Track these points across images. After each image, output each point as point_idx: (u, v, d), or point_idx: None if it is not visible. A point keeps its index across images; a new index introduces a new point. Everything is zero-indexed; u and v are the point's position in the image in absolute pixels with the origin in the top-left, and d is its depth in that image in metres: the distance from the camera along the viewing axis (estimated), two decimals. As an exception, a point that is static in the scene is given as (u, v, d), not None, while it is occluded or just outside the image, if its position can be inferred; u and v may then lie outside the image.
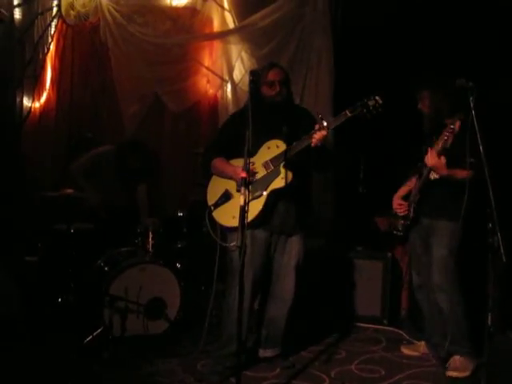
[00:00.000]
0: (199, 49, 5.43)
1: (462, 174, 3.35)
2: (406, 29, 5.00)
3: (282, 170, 3.33)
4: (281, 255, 3.54)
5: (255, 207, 3.28)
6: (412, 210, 3.73)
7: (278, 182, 3.34)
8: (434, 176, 3.59)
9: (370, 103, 3.20)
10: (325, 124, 3.23)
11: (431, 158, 3.42)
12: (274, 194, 3.35)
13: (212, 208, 3.49)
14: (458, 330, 3.57)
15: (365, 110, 3.20)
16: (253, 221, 3.27)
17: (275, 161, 3.35)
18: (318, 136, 3.21)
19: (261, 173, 3.35)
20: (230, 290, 3.46)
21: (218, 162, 3.55)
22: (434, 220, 3.65)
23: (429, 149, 3.47)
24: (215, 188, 3.57)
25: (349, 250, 4.90)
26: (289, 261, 3.53)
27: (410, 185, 3.94)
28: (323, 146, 3.27)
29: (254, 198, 3.33)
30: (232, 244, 3.34)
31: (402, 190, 3.95)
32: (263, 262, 3.48)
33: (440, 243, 3.57)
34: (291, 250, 3.53)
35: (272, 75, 3.45)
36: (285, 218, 3.45)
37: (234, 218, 3.37)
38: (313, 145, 3.23)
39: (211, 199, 3.54)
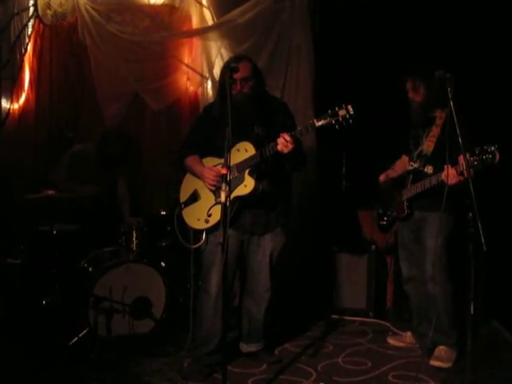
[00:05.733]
0: (179, 46, 5.39)
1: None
2: (387, 21, 5.00)
3: (246, 177, 3.27)
4: (254, 253, 3.54)
5: (219, 212, 3.03)
6: (405, 206, 3.73)
7: (241, 190, 3.28)
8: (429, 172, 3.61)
9: (341, 113, 3.00)
10: (290, 135, 3.11)
11: (453, 178, 3.26)
12: (238, 200, 3.30)
13: (182, 206, 3.52)
14: (447, 320, 3.62)
15: (333, 121, 3.01)
16: (216, 224, 3.27)
17: (241, 166, 3.28)
18: (283, 144, 3.10)
19: None
20: (201, 294, 3.50)
21: (190, 161, 3.54)
22: (425, 212, 3.66)
23: (447, 167, 3.30)
24: (187, 186, 3.58)
25: (333, 243, 4.92)
26: (263, 258, 3.52)
27: (398, 170, 3.97)
28: (293, 152, 3.15)
29: (217, 203, 3.31)
30: (195, 246, 3.44)
31: (391, 173, 4.00)
32: (235, 260, 3.47)
33: (433, 235, 3.57)
34: (265, 249, 3.52)
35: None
36: (255, 219, 3.43)
37: (198, 220, 3.44)
38: (282, 151, 3.13)
39: (183, 197, 3.57)
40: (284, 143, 3.10)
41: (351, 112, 2.99)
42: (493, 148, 3.03)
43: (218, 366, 3.27)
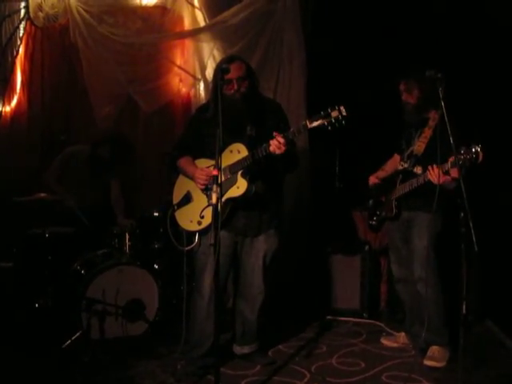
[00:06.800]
0: (171, 48, 5.38)
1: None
2: (380, 21, 5.00)
3: (239, 179, 3.26)
4: (248, 255, 3.53)
5: (211, 213, 3.00)
6: (394, 206, 3.75)
7: (234, 191, 3.27)
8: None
9: (334, 114, 2.97)
10: (282, 136, 3.09)
11: (441, 178, 3.26)
12: (231, 201, 3.30)
13: (175, 208, 3.51)
14: (438, 320, 3.62)
15: (326, 122, 2.98)
16: (209, 226, 3.26)
17: (234, 167, 3.27)
18: (275, 146, 3.08)
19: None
20: (194, 296, 3.50)
21: (183, 162, 3.53)
22: (413, 212, 3.67)
23: (430, 168, 3.34)
24: (180, 187, 3.57)
25: (327, 244, 4.92)
26: (256, 260, 3.52)
27: (388, 170, 3.98)
28: (286, 153, 3.13)
29: (210, 205, 3.31)
30: (188, 248, 3.43)
31: (380, 174, 4.00)
32: (229, 262, 3.46)
33: (421, 235, 3.58)
34: (258, 250, 3.51)
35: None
36: (248, 220, 3.43)
37: (191, 221, 3.43)
38: (274, 152, 3.11)
39: (176, 198, 3.56)
40: (277, 144, 3.09)
41: (344, 113, 2.97)
42: (477, 148, 3.04)
43: (211, 367, 3.25)
